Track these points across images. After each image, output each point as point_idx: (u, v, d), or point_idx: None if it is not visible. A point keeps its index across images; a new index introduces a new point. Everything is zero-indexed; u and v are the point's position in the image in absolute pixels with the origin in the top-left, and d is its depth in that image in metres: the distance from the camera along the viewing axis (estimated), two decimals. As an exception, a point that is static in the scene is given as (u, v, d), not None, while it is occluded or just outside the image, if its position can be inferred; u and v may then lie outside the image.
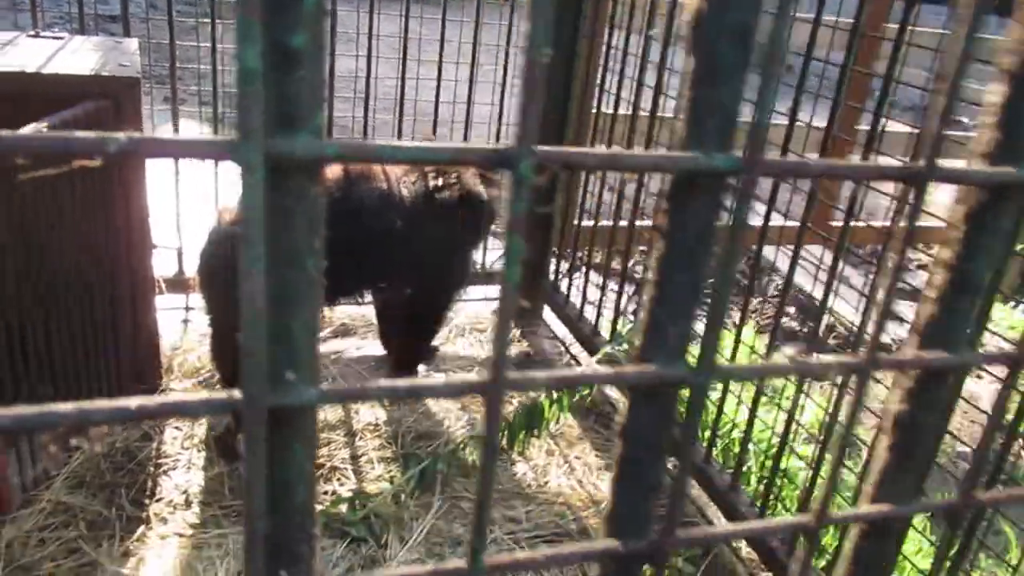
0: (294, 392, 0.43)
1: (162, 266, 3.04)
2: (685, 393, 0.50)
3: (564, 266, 3.63)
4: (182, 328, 3.15)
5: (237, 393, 0.41)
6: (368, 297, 3.04)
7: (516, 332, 3.59)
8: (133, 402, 0.40)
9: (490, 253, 3.72)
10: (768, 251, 4.14)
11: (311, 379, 0.43)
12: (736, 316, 2.55)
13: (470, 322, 3.61)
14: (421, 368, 3.12)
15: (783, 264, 4.46)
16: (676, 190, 0.47)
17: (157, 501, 2.30)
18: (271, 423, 0.43)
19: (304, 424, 0.45)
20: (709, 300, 0.47)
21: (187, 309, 3.24)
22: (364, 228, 2.58)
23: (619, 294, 3.15)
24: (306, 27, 0.38)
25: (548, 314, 3.74)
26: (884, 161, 2.37)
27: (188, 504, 2.30)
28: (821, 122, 2.41)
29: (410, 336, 3.04)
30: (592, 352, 3.27)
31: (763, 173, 0.44)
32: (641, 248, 3.93)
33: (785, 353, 3.72)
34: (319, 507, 2.35)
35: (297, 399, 0.43)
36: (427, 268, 2.80)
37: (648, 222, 3.02)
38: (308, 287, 0.44)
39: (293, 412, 0.44)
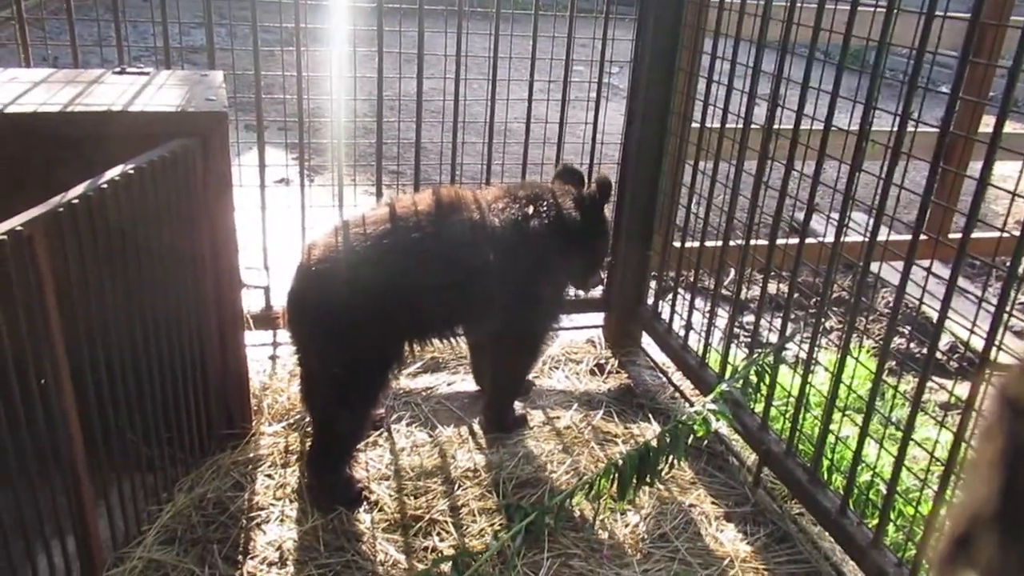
0: None
1: (249, 301, 2.95)
2: None
3: (666, 290, 3.41)
4: (270, 365, 3.05)
5: None
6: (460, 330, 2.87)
7: (614, 362, 3.38)
8: None
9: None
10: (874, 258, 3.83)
11: None
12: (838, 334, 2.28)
13: (565, 352, 3.42)
14: (517, 404, 2.94)
15: (893, 277, 4.12)
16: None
17: (251, 559, 2.18)
18: None
19: None
20: None
21: (275, 345, 3.15)
22: (457, 264, 2.42)
23: (730, 321, 2.91)
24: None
25: (646, 341, 3.51)
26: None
27: (283, 562, 2.17)
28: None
29: (504, 371, 2.86)
30: (699, 384, 3.04)
31: None
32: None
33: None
34: (419, 566, 2.19)
35: None
36: (521, 300, 2.61)
37: (763, 242, 2.77)
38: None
39: None
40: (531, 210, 2.59)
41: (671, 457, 2.43)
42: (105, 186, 1.97)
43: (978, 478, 0.44)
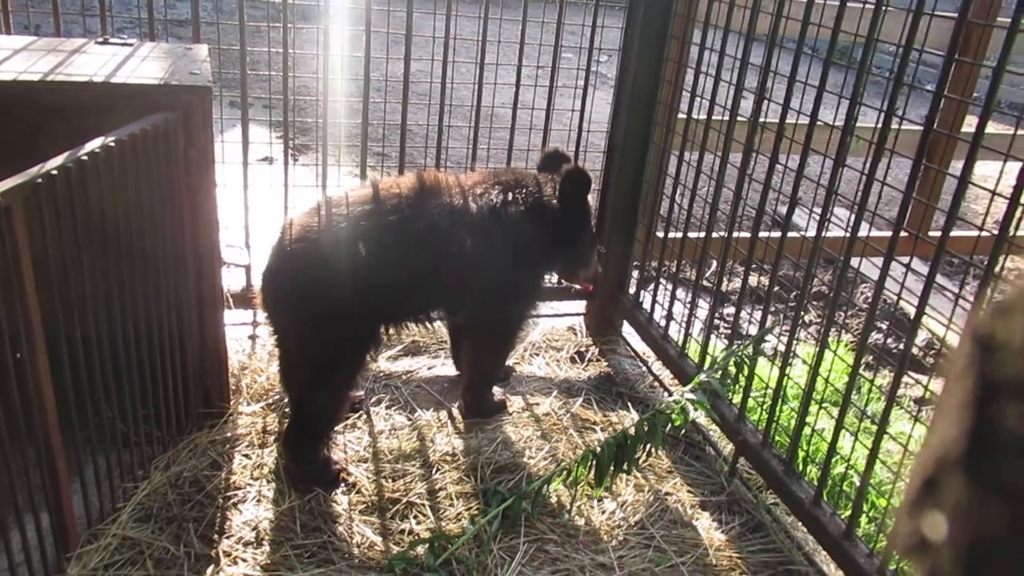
0: None
1: (230, 280, 2.93)
2: None
3: (648, 280, 3.42)
4: (250, 345, 3.03)
5: None
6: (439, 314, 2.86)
7: (595, 351, 3.39)
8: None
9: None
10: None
11: None
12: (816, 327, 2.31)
13: (546, 339, 3.42)
14: (496, 390, 2.94)
15: (872, 273, 4.15)
16: None
17: (227, 538, 2.17)
18: None
19: None
20: None
21: (255, 325, 3.13)
22: (432, 248, 2.40)
23: (711, 312, 2.93)
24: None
25: (627, 330, 3.53)
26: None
27: (259, 542, 2.16)
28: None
29: (482, 357, 2.86)
30: (678, 374, 3.06)
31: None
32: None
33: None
34: (395, 548, 2.19)
35: None
36: (496, 286, 2.60)
37: (746, 234, 2.79)
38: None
39: None
40: (509, 197, 2.57)
41: (648, 445, 2.45)
42: (84, 158, 1.94)
43: (946, 420, 0.43)
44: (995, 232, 1.85)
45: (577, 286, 3.33)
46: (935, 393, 2.69)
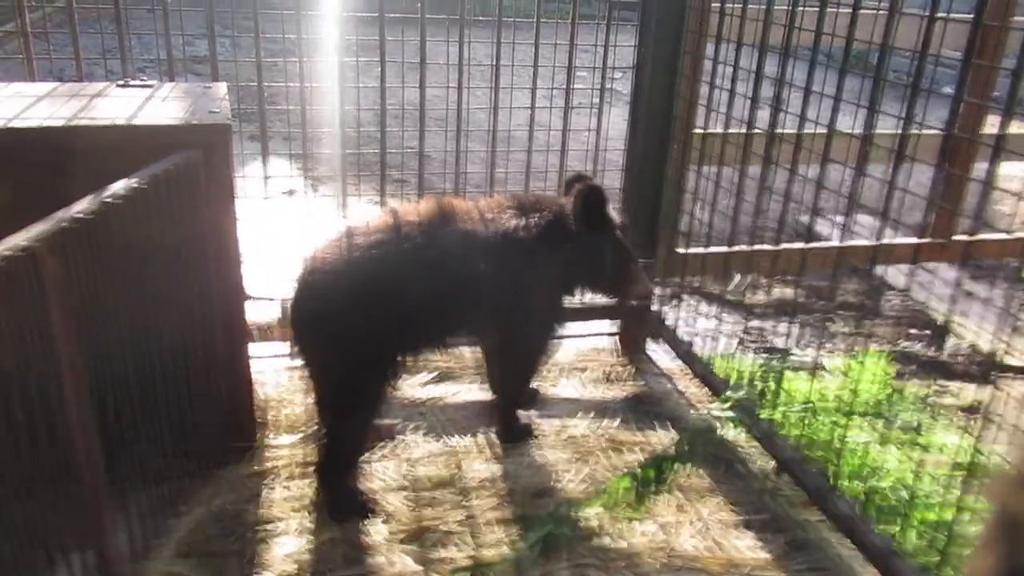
0: None
1: (259, 312, 2.94)
2: None
3: (672, 296, 3.39)
4: (281, 377, 3.03)
5: None
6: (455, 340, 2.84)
7: (622, 369, 3.37)
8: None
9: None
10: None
11: None
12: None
13: (573, 361, 3.40)
14: (522, 413, 2.92)
15: (898, 280, 4.10)
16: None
17: (268, 571, 2.15)
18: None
19: None
20: None
21: (283, 357, 3.13)
22: (447, 273, 2.40)
23: (739, 327, 2.90)
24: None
25: (654, 347, 3.50)
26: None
27: (300, 575, 2.15)
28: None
29: (503, 381, 2.85)
30: (708, 390, 3.03)
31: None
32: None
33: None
34: (436, 577, 2.17)
35: None
36: (512, 311, 2.57)
37: (767, 246, 2.77)
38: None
39: None
40: (523, 219, 2.56)
41: (687, 465, 2.42)
42: (110, 200, 1.96)
43: None
44: (1022, 234, 1.83)
45: (634, 302, 3.24)
46: (974, 402, 2.65)
